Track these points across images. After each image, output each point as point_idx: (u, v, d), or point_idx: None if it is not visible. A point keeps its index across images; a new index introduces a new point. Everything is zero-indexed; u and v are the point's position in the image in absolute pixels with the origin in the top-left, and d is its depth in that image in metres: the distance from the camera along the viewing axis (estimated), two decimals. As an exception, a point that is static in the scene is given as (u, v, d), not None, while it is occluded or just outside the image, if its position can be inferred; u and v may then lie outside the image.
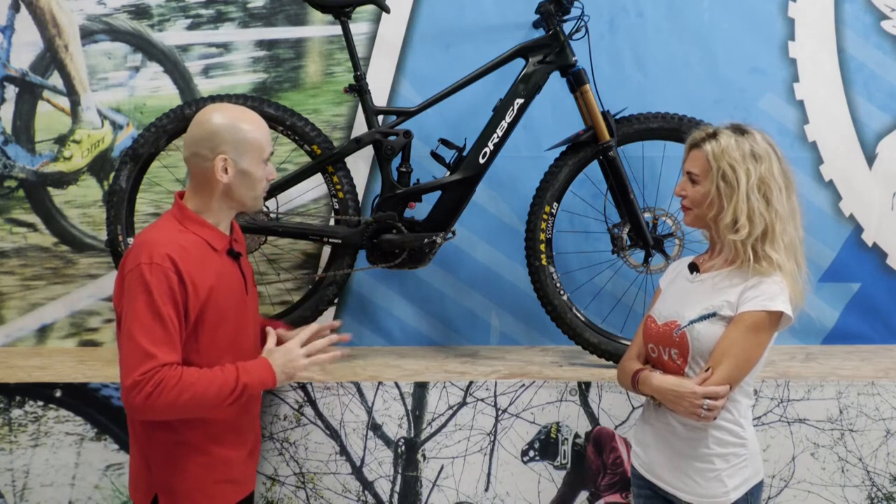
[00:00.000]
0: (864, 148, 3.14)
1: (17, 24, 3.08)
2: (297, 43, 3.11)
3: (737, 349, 1.78)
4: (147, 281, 1.71)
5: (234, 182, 1.85)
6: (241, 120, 1.86)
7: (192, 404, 1.72)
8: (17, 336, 3.12)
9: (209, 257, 1.83)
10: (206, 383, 1.73)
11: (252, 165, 1.85)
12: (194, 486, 1.86)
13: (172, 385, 1.68)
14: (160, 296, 1.71)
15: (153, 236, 1.79)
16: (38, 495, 2.44)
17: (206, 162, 1.82)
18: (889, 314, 3.16)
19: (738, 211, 1.80)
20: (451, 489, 2.47)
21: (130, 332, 1.70)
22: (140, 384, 1.67)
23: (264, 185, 1.91)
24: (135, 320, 1.70)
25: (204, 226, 1.86)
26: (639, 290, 2.94)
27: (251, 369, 1.79)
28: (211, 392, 1.73)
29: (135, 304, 1.71)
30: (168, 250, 1.74)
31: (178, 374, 1.70)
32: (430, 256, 2.71)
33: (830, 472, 2.46)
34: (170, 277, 1.72)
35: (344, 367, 2.66)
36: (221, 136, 1.82)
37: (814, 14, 3.11)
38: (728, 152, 1.81)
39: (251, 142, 1.84)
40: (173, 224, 1.84)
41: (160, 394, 1.68)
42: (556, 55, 2.70)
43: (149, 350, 1.68)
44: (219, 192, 1.86)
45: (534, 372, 2.59)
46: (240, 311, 1.91)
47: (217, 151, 1.82)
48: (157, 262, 1.72)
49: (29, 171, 3.10)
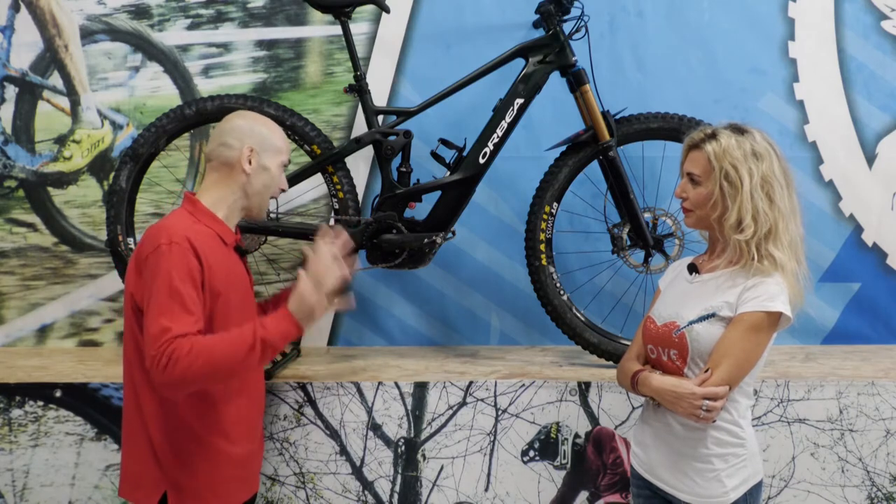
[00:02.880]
0: (864, 148, 3.14)
1: (17, 24, 3.09)
2: (297, 43, 3.11)
3: (736, 350, 1.77)
4: (166, 260, 1.74)
5: (255, 175, 1.93)
6: (267, 125, 2.01)
7: (209, 369, 1.70)
8: (17, 336, 3.13)
9: (220, 250, 1.88)
10: (221, 347, 1.72)
11: (272, 164, 1.96)
12: (204, 482, 1.87)
13: (185, 353, 1.67)
14: (178, 274, 1.74)
15: (170, 222, 1.83)
16: (38, 495, 2.45)
17: (232, 151, 1.92)
18: (889, 314, 3.16)
19: (743, 211, 1.79)
20: (451, 489, 2.47)
21: (151, 312, 1.73)
22: (155, 359, 1.68)
23: (276, 191, 2.00)
24: (154, 301, 1.73)
25: (215, 220, 1.91)
26: (639, 290, 2.94)
27: (269, 323, 1.76)
28: (227, 354, 1.71)
29: (154, 286, 1.74)
30: (187, 234, 1.79)
31: (190, 343, 1.69)
32: (430, 256, 2.71)
33: (830, 472, 2.46)
34: (188, 257, 1.76)
35: (344, 367, 2.67)
36: (251, 130, 1.95)
37: (814, 14, 3.11)
38: (730, 152, 1.81)
39: (275, 142, 1.97)
40: (186, 216, 1.88)
41: (175, 364, 1.67)
42: (556, 55, 2.70)
43: (164, 325, 1.70)
44: (238, 185, 1.93)
45: (534, 372, 2.59)
46: (243, 307, 1.93)
47: (245, 142, 1.93)
48: (177, 241, 1.76)
49: (29, 171, 3.11)
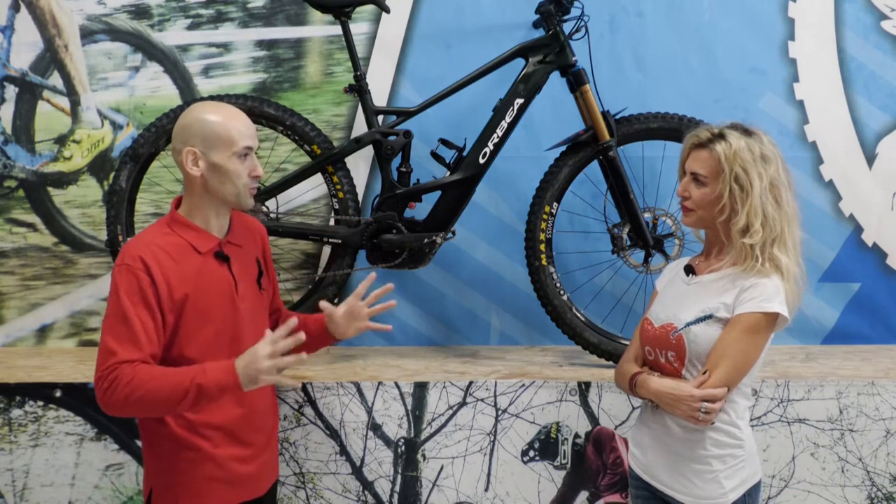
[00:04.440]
0: (864, 148, 3.14)
1: (17, 24, 3.08)
2: (297, 43, 3.11)
3: (734, 351, 1.77)
4: (117, 282, 1.77)
5: (208, 176, 1.84)
6: (212, 113, 1.85)
7: (145, 403, 1.71)
8: (17, 336, 3.13)
9: (190, 259, 1.84)
10: (159, 383, 1.71)
11: (222, 159, 1.83)
12: (179, 481, 1.86)
13: (126, 382, 1.69)
14: (128, 295, 1.75)
15: (134, 240, 1.85)
16: (38, 495, 2.45)
17: (178, 156, 1.85)
18: (889, 314, 3.15)
19: (753, 215, 1.77)
20: (451, 489, 2.47)
21: (103, 330, 1.77)
22: (100, 380, 1.72)
23: (245, 180, 1.86)
24: (105, 321, 1.77)
25: (189, 228, 1.86)
26: (639, 290, 2.94)
27: (210, 370, 1.73)
28: (163, 392, 1.71)
29: (109, 304, 1.78)
30: (141, 252, 1.78)
31: (132, 372, 1.70)
32: (430, 256, 2.71)
33: (830, 472, 2.46)
34: (140, 278, 1.75)
35: (344, 367, 2.67)
36: (191, 129, 1.83)
37: (814, 14, 3.10)
38: (740, 154, 1.78)
39: (219, 134, 1.82)
40: (161, 227, 1.87)
41: (114, 390, 1.70)
42: (556, 55, 2.70)
43: (112, 348, 1.73)
44: (198, 188, 1.86)
45: (534, 372, 2.59)
46: (226, 314, 1.88)
47: (186, 144, 1.83)
48: (128, 262, 1.77)
49: (29, 171, 3.11)
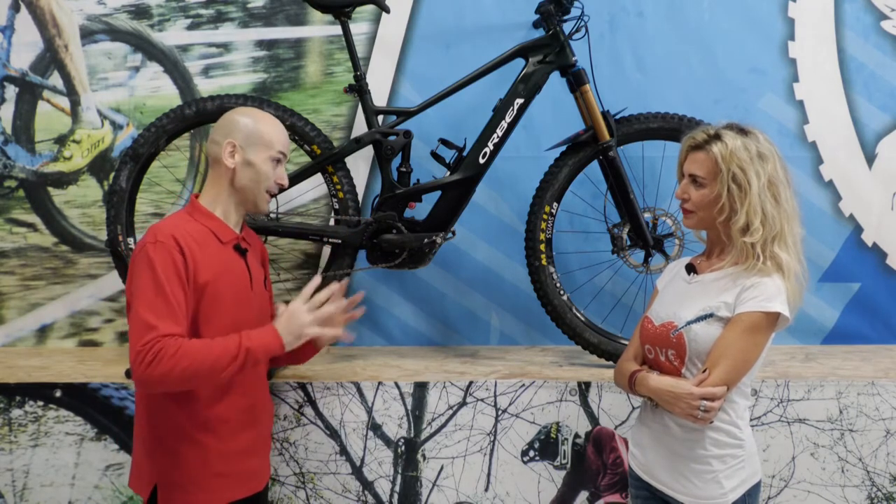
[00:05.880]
0: (864, 148, 3.14)
1: (17, 24, 3.09)
2: (297, 43, 3.11)
3: (734, 350, 1.77)
4: (151, 258, 1.78)
5: (240, 170, 1.93)
6: (257, 117, 1.98)
7: (191, 373, 1.73)
8: (17, 336, 3.13)
9: (212, 247, 1.89)
10: (206, 351, 1.75)
11: (258, 159, 1.94)
12: (189, 477, 1.87)
13: (171, 354, 1.71)
14: (164, 271, 1.77)
15: (162, 222, 1.89)
16: (38, 495, 2.45)
17: (216, 146, 1.94)
18: (889, 314, 3.15)
19: (752, 214, 1.78)
20: (451, 489, 2.47)
21: (136, 307, 1.76)
22: (141, 354, 1.71)
23: (271, 184, 1.97)
24: (139, 296, 1.77)
25: (211, 217, 1.93)
26: (639, 290, 2.94)
27: (255, 335, 1.81)
28: (210, 359, 1.74)
29: (140, 281, 1.78)
30: (173, 232, 1.82)
31: (177, 344, 1.72)
32: (430, 256, 2.71)
33: (830, 472, 2.46)
34: (174, 255, 1.79)
35: (344, 367, 2.67)
36: (235, 125, 1.95)
37: (814, 14, 3.10)
38: (737, 154, 1.79)
39: (261, 135, 1.95)
40: (183, 216, 1.93)
41: (159, 363, 1.70)
42: (556, 55, 2.70)
43: (151, 322, 1.73)
44: (227, 181, 1.94)
45: (534, 372, 2.59)
46: (241, 305, 1.93)
47: (228, 136, 1.94)
48: (161, 240, 1.80)
49: (29, 171, 3.11)
